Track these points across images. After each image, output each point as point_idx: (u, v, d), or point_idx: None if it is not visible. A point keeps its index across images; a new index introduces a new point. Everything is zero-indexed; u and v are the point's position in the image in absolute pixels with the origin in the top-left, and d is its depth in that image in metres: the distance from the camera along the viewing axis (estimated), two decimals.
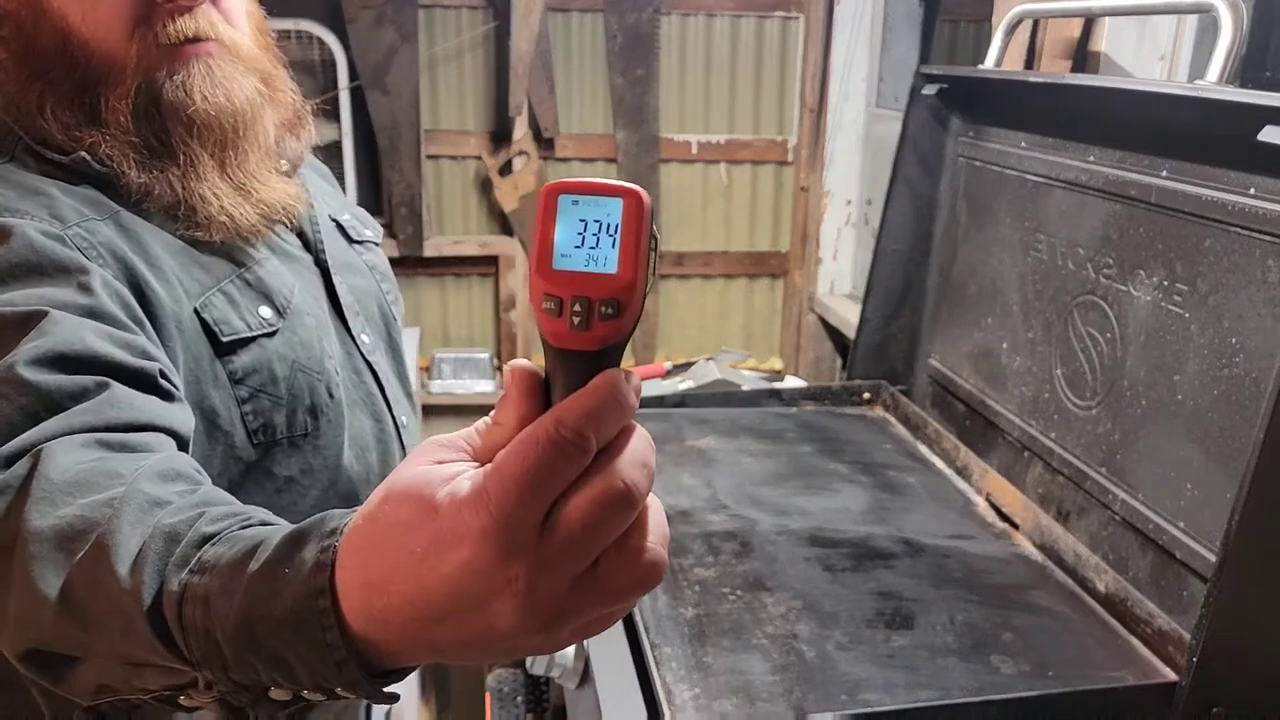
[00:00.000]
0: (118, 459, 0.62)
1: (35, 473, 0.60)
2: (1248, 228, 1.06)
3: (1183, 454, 1.16)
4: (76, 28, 0.78)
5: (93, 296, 0.72)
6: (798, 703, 0.97)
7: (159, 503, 0.57)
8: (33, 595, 0.56)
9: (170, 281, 0.82)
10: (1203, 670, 0.96)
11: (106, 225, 0.80)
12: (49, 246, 0.73)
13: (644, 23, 2.69)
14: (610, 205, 0.44)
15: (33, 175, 0.79)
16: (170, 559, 0.53)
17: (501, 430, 0.45)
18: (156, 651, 0.53)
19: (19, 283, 0.71)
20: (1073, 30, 1.70)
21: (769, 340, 3.07)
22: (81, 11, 0.78)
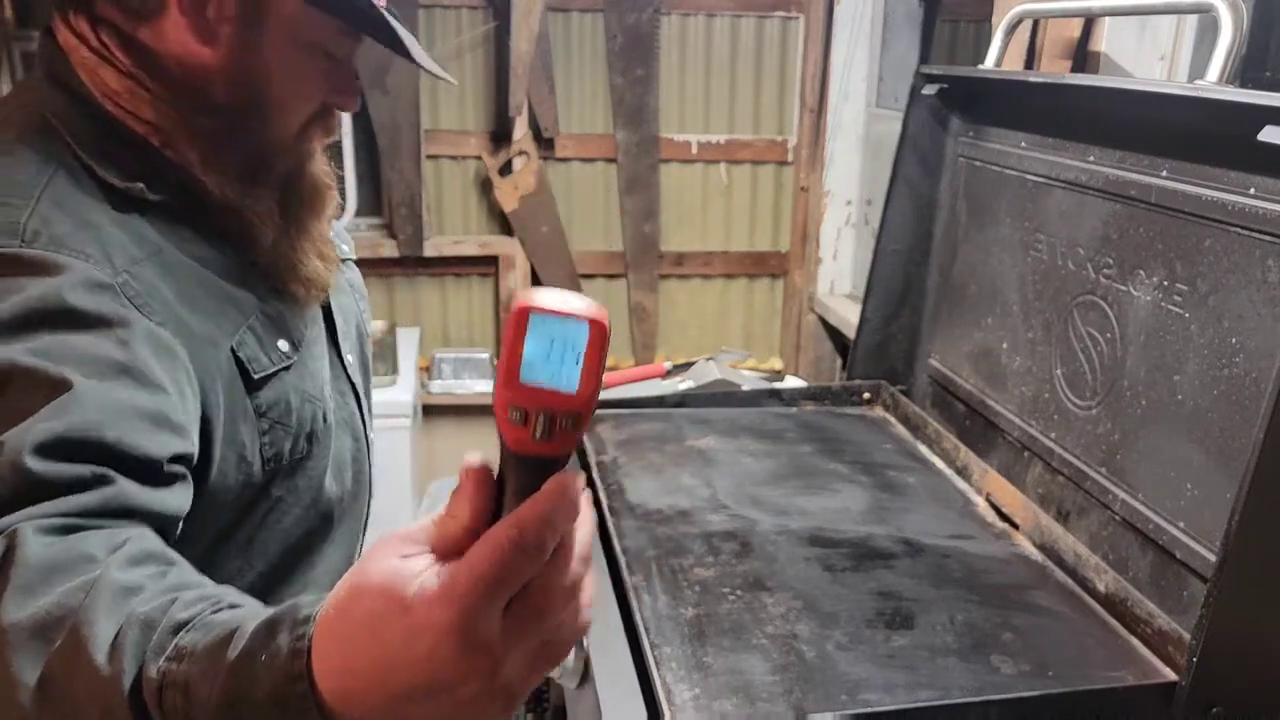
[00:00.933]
0: (89, 539, 0.64)
1: (12, 558, 0.61)
2: (1248, 228, 1.06)
3: (1183, 454, 1.16)
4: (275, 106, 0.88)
5: (129, 352, 0.75)
6: (798, 703, 0.97)
7: (132, 589, 0.59)
8: (11, 684, 0.58)
9: (209, 322, 0.86)
10: (1202, 670, 0.96)
11: (151, 266, 0.82)
12: (93, 299, 0.76)
13: (644, 23, 2.69)
14: (578, 329, 0.48)
15: (83, 195, 0.81)
16: (147, 646, 0.56)
17: (455, 522, 0.50)
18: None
19: (61, 330, 0.73)
20: (1073, 30, 1.71)
21: (769, 340, 3.07)
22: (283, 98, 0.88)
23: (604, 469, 1.49)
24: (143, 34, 0.83)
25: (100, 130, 0.85)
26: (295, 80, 0.88)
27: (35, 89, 0.87)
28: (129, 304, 0.78)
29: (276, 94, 0.88)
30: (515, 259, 2.82)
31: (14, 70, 2.49)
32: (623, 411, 1.73)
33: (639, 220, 2.86)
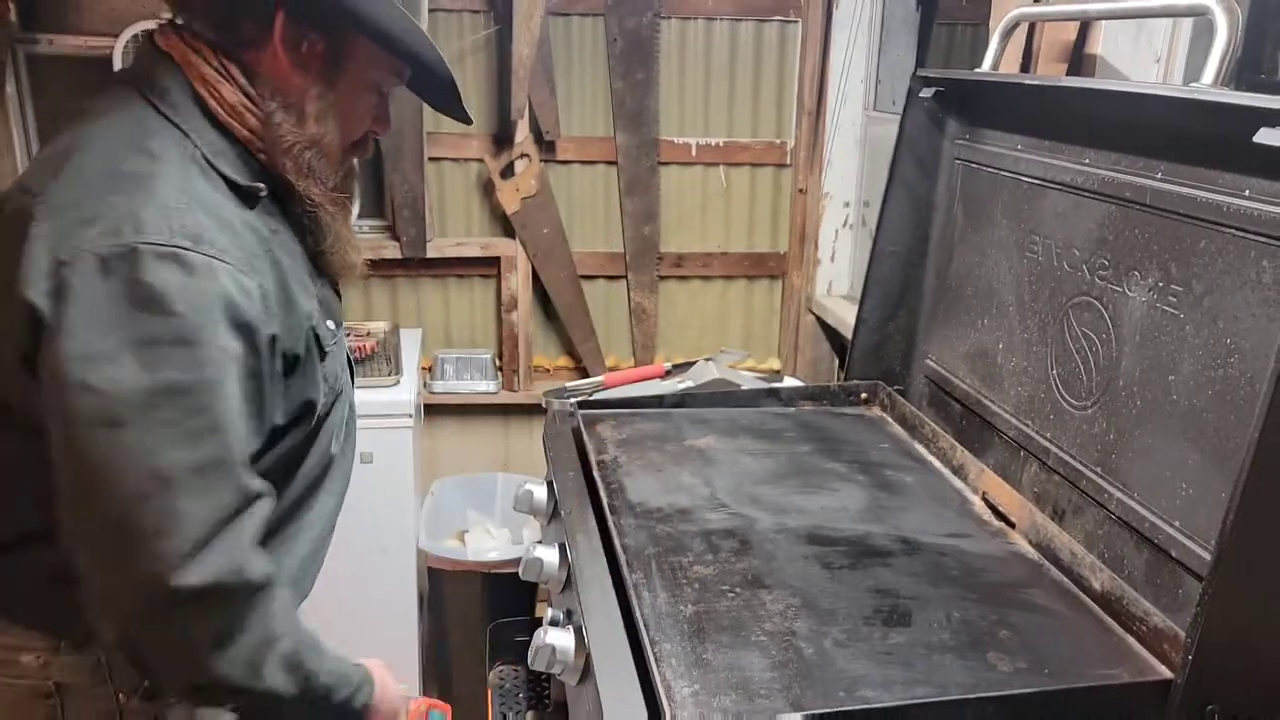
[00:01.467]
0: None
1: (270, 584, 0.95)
2: (1243, 229, 1.07)
3: (1178, 453, 1.16)
4: (340, 129, 1.10)
5: (258, 359, 0.96)
6: (796, 699, 0.98)
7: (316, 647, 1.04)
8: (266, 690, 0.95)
9: (301, 302, 1.06)
10: (1198, 668, 0.97)
11: (268, 262, 1.01)
12: (243, 305, 0.94)
13: (644, 27, 2.71)
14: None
15: (215, 194, 0.99)
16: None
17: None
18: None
19: (218, 331, 0.91)
20: (1069, 33, 1.72)
21: (767, 341, 3.08)
22: (347, 124, 1.10)
23: (604, 468, 1.50)
24: (249, 59, 1.02)
25: (219, 136, 1.02)
26: (356, 109, 1.10)
27: (153, 98, 1.01)
28: (263, 307, 0.97)
29: (347, 123, 1.09)
30: (517, 260, 2.83)
31: (18, 73, 2.49)
32: (623, 411, 1.74)
33: (639, 222, 2.87)
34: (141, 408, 0.87)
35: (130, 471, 0.87)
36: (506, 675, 1.77)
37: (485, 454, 2.99)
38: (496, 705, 1.70)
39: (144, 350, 0.88)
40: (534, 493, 1.54)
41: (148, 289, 0.88)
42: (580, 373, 2.97)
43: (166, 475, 0.87)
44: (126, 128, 0.99)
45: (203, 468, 0.89)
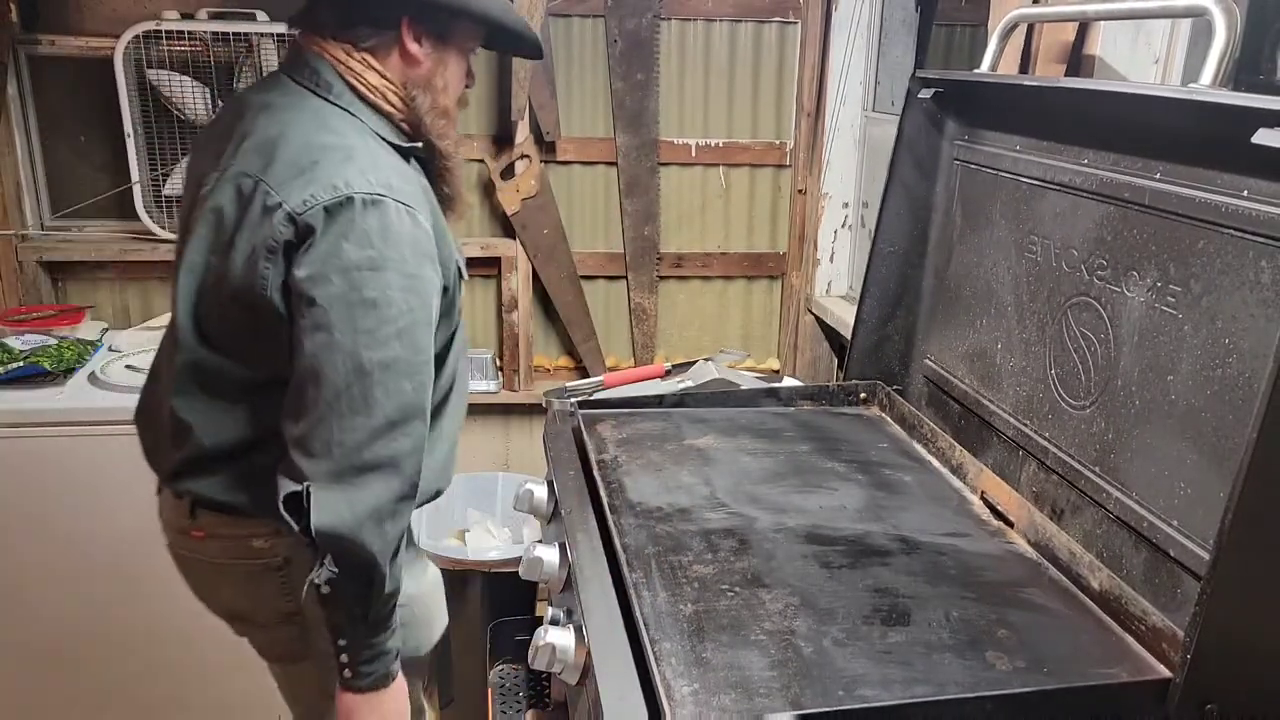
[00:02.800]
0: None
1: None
2: (1241, 230, 1.07)
3: (1176, 453, 1.17)
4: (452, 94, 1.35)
5: (440, 276, 1.23)
6: (795, 698, 0.98)
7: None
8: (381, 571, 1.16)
9: (450, 241, 1.30)
10: (1197, 667, 0.97)
11: (429, 207, 1.26)
12: (425, 240, 1.20)
13: (644, 28, 2.71)
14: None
15: (387, 157, 1.24)
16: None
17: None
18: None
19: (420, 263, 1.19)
20: (1068, 34, 1.72)
21: (767, 341, 3.08)
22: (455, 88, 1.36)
23: (604, 467, 1.50)
24: (381, 54, 1.28)
25: (374, 114, 1.28)
26: (458, 80, 1.35)
27: (319, 91, 1.27)
28: (434, 242, 1.22)
29: (455, 89, 1.35)
30: (517, 260, 2.83)
31: (19, 74, 2.50)
32: (623, 411, 1.74)
33: (639, 222, 2.87)
34: (347, 315, 1.13)
35: (339, 365, 1.12)
36: (506, 674, 1.77)
37: (486, 453, 3.00)
38: (497, 704, 1.70)
39: (352, 274, 1.14)
40: (534, 492, 1.54)
41: (358, 226, 1.15)
42: (580, 373, 2.97)
43: (365, 369, 1.12)
44: (309, 116, 1.25)
45: (391, 365, 1.13)
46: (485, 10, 1.29)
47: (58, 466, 2.12)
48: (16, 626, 2.20)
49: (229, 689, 2.33)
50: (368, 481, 1.13)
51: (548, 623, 1.23)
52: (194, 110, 2.45)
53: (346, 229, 1.14)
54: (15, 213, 2.54)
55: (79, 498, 2.14)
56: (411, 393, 1.16)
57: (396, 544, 1.17)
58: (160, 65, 2.43)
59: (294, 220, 1.16)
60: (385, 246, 1.15)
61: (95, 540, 2.17)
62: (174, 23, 2.41)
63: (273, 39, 2.43)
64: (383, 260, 1.15)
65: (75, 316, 2.50)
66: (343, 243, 1.14)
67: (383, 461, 1.13)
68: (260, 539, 1.32)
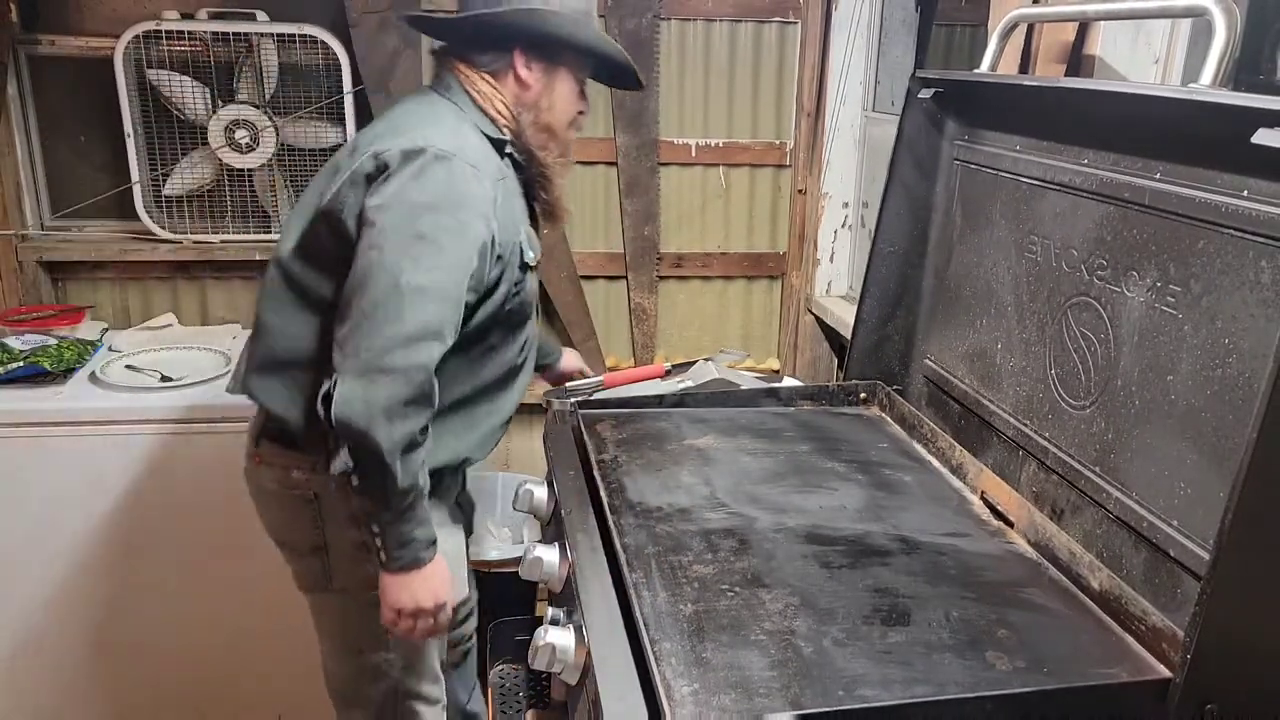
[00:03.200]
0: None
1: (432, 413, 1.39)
2: (1241, 230, 1.08)
3: (1176, 453, 1.17)
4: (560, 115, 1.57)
5: (487, 231, 1.42)
6: (795, 698, 0.98)
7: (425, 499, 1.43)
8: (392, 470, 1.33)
9: (514, 220, 1.52)
10: (1197, 667, 0.97)
11: (502, 186, 1.49)
12: (481, 200, 1.42)
13: (644, 28, 2.71)
14: None
15: (479, 144, 1.48)
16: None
17: None
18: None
19: (472, 215, 1.40)
20: (1068, 34, 1.72)
21: (767, 341, 3.08)
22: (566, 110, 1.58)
23: (604, 467, 1.50)
24: (500, 76, 1.53)
25: (481, 114, 1.52)
26: (567, 105, 1.57)
27: (440, 91, 1.54)
28: (492, 206, 1.43)
29: (564, 119, 1.57)
30: None
31: (20, 74, 2.50)
32: (623, 411, 1.74)
33: (639, 222, 2.87)
34: (398, 241, 1.34)
35: (381, 280, 1.33)
36: (506, 674, 1.77)
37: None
38: (497, 704, 1.70)
39: (412, 208, 1.36)
40: (534, 492, 1.54)
41: (427, 172, 1.38)
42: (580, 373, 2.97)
43: (400, 288, 1.32)
44: (425, 106, 1.53)
45: (424, 290, 1.33)
46: (588, 42, 1.53)
47: (58, 466, 2.12)
48: (16, 626, 2.20)
49: (229, 689, 2.33)
50: (384, 382, 1.31)
51: (548, 623, 1.23)
52: (194, 110, 2.45)
53: (417, 172, 1.38)
54: (15, 213, 2.54)
55: (79, 498, 2.14)
56: (434, 317, 1.34)
57: (405, 443, 1.33)
58: (160, 65, 2.43)
59: (377, 158, 1.41)
60: (445, 193, 1.38)
61: (95, 540, 2.17)
62: (174, 23, 2.40)
63: (273, 39, 2.43)
64: (440, 204, 1.37)
65: (75, 316, 2.50)
66: (410, 182, 1.37)
67: (399, 367, 1.31)
68: (299, 471, 1.51)
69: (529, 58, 1.51)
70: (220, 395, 2.18)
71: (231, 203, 2.56)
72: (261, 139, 2.48)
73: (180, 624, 2.26)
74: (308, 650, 1.72)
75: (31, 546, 2.16)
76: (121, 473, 2.15)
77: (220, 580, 2.24)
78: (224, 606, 2.27)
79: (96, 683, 2.28)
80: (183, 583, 2.24)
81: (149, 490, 2.17)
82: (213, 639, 2.30)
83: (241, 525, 2.21)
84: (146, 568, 2.22)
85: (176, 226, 2.54)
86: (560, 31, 1.49)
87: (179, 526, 2.20)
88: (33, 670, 2.24)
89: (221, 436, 2.16)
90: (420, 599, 1.43)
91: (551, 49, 1.52)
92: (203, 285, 2.71)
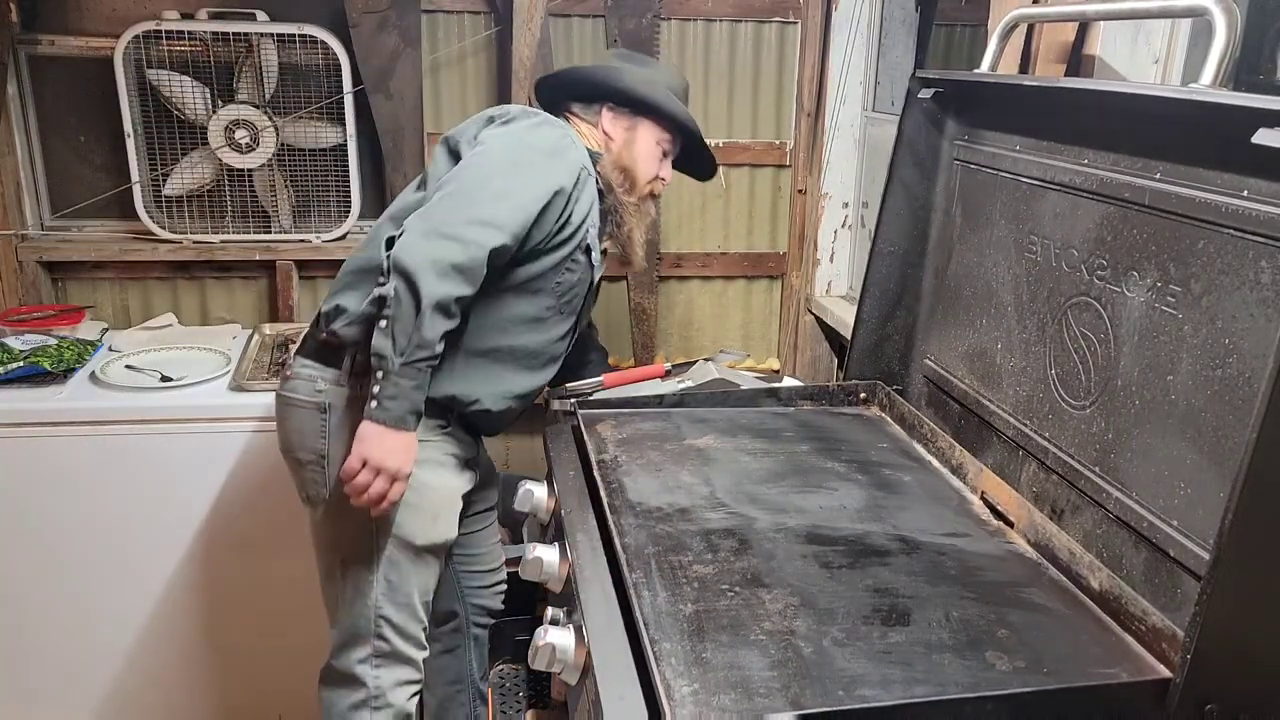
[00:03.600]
0: None
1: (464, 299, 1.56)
2: (1241, 230, 1.08)
3: (1176, 453, 1.17)
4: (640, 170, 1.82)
5: (570, 182, 1.65)
6: (795, 698, 0.98)
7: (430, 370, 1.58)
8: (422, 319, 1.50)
9: (584, 207, 1.71)
10: (1196, 667, 0.97)
11: (583, 186, 1.70)
12: (573, 166, 1.67)
13: (644, 28, 2.71)
14: None
15: (584, 162, 1.71)
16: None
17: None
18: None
19: (551, 164, 1.65)
20: (1068, 34, 1.72)
21: (766, 341, 3.08)
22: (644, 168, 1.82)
23: (604, 467, 1.50)
24: (592, 127, 1.82)
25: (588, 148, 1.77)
26: (646, 161, 1.81)
27: (569, 133, 1.74)
28: (574, 180, 1.67)
29: (643, 169, 1.81)
30: None
31: (20, 74, 2.50)
32: (623, 411, 1.74)
33: None
34: (499, 157, 1.62)
35: (474, 172, 1.60)
36: (507, 674, 1.78)
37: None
38: (497, 704, 1.70)
39: (519, 140, 1.66)
40: (534, 492, 1.55)
41: (535, 127, 1.69)
42: None
43: (485, 183, 1.58)
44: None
45: (502, 193, 1.57)
46: (670, 111, 1.81)
47: (58, 466, 2.12)
48: (16, 626, 2.20)
49: (229, 689, 2.33)
50: (443, 243, 1.51)
51: (548, 623, 1.23)
52: (194, 110, 2.45)
53: (530, 125, 1.69)
54: (15, 213, 2.54)
55: (79, 498, 2.14)
56: (505, 216, 1.56)
57: (440, 300, 1.50)
58: (160, 65, 2.43)
59: (503, 110, 1.75)
60: (548, 145, 1.66)
61: (95, 540, 2.17)
62: (174, 23, 2.40)
63: (272, 39, 2.43)
64: (541, 147, 1.65)
65: (75, 316, 2.50)
66: (523, 126, 1.69)
67: (461, 236, 1.52)
68: (324, 382, 1.68)
69: (615, 113, 1.80)
70: (220, 395, 2.18)
71: (231, 203, 2.56)
72: (261, 139, 2.48)
73: (179, 623, 2.26)
74: (308, 650, 1.72)
75: (31, 546, 2.16)
76: (121, 473, 2.15)
77: (220, 580, 2.24)
78: (224, 606, 2.27)
79: (96, 683, 2.28)
80: (182, 582, 2.24)
81: (148, 490, 2.17)
82: (213, 638, 2.30)
83: (241, 525, 2.22)
84: (146, 567, 2.22)
85: (176, 226, 2.54)
86: (635, 90, 1.78)
87: (179, 526, 2.20)
88: (31, 670, 2.24)
89: (222, 436, 2.16)
90: (385, 458, 1.54)
91: (634, 107, 1.80)
92: (203, 285, 2.71)
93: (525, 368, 1.74)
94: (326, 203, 2.60)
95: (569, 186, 1.65)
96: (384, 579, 1.68)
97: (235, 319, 2.72)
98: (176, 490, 2.17)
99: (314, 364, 1.71)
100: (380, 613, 1.69)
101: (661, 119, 1.81)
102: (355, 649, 1.70)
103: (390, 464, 1.54)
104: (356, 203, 2.60)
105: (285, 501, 2.19)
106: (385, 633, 1.70)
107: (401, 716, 1.75)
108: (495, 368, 1.70)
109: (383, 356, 1.51)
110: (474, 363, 1.67)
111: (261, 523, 2.22)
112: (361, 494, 1.56)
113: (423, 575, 1.72)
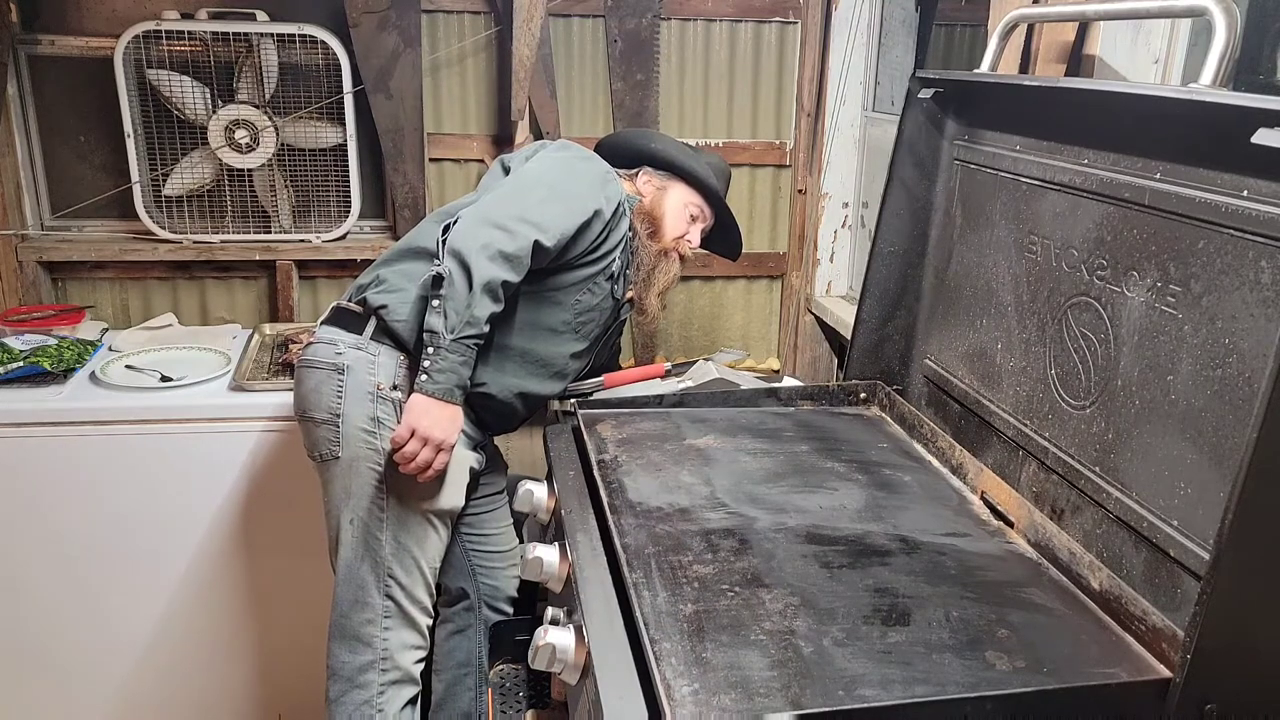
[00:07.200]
0: None
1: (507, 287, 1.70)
2: (1241, 230, 1.08)
3: (1176, 453, 1.17)
4: (668, 226, 2.00)
5: (608, 208, 1.82)
6: (795, 698, 0.98)
7: (472, 354, 1.71)
8: (472, 296, 1.64)
9: (615, 238, 1.87)
10: (1197, 667, 0.97)
11: (619, 218, 1.88)
12: (618, 195, 1.88)
13: (644, 28, 2.71)
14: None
15: (623, 196, 1.91)
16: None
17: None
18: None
19: (598, 187, 1.83)
20: (1068, 34, 1.72)
21: (767, 341, 3.08)
22: (672, 225, 2.01)
23: (604, 467, 1.50)
24: (630, 182, 2.01)
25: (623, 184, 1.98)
26: (674, 216, 2.00)
27: (614, 173, 1.93)
28: (611, 206, 1.83)
29: (670, 223, 1.99)
30: None
31: (20, 74, 2.50)
32: (623, 411, 1.74)
33: None
34: (552, 169, 1.82)
35: (527, 178, 1.79)
36: (506, 674, 1.78)
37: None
38: (497, 704, 1.70)
39: (571, 161, 1.87)
40: (534, 492, 1.55)
41: (590, 158, 1.91)
42: None
43: (536, 188, 1.75)
44: None
45: (547, 199, 1.73)
46: (701, 176, 2.01)
47: (58, 466, 2.12)
48: (16, 626, 2.20)
49: (229, 688, 2.33)
50: (495, 233, 1.65)
51: (548, 623, 1.23)
52: (194, 110, 2.45)
53: (577, 152, 1.92)
54: (15, 213, 2.54)
55: (79, 498, 2.14)
56: (552, 219, 1.70)
57: (490, 282, 1.63)
58: (160, 65, 2.43)
59: (548, 145, 1.97)
60: (596, 173, 1.86)
61: (95, 540, 2.17)
62: (174, 23, 2.41)
63: (272, 39, 2.43)
64: (589, 174, 1.84)
65: (75, 316, 2.50)
66: (570, 153, 1.90)
67: (511, 228, 1.65)
68: (342, 346, 1.78)
69: (651, 175, 2.02)
70: (220, 395, 2.18)
71: (231, 203, 2.56)
72: (261, 139, 2.48)
73: (180, 623, 2.27)
74: (308, 650, 1.72)
75: (31, 547, 2.16)
76: (121, 473, 2.15)
77: (220, 579, 2.24)
78: (224, 606, 2.27)
79: (96, 683, 2.28)
80: (182, 582, 2.24)
81: (149, 490, 2.17)
82: (213, 638, 2.30)
83: (241, 525, 2.22)
84: (146, 568, 2.22)
85: (176, 226, 2.54)
86: (670, 154, 2.01)
87: (179, 526, 2.20)
88: (30, 670, 2.24)
89: (222, 436, 2.16)
90: (432, 428, 1.64)
91: (670, 171, 2.01)
92: (203, 285, 2.71)
93: (532, 373, 1.83)
94: (326, 203, 2.60)
95: (607, 213, 1.81)
96: (393, 538, 1.75)
97: (235, 319, 2.72)
98: (176, 490, 2.17)
99: (335, 329, 1.81)
100: (390, 572, 1.76)
101: (694, 184, 2.01)
102: (364, 609, 1.76)
103: (437, 434, 1.64)
104: (356, 203, 2.60)
105: (285, 501, 2.19)
106: (394, 593, 1.77)
107: (409, 680, 1.80)
108: (507, 364, 1.81)
109: (435, 333, 1.64)
110: (487, 354, 1.77)
111: (261, 522, 2.22)
112: (410, 462, 1.64)
113: (430, 541, 1.79)
